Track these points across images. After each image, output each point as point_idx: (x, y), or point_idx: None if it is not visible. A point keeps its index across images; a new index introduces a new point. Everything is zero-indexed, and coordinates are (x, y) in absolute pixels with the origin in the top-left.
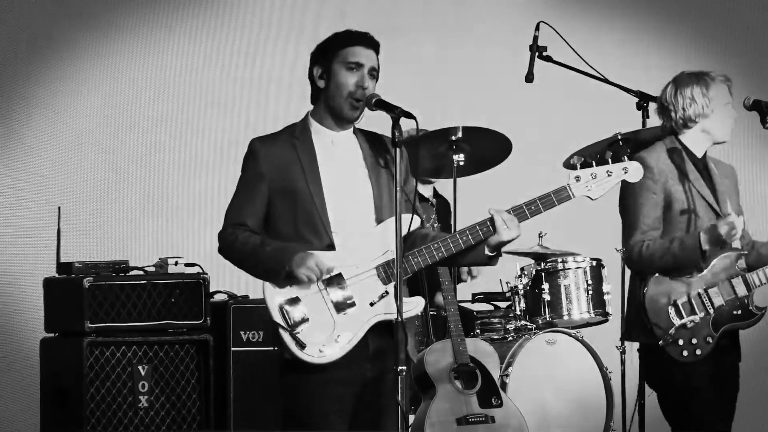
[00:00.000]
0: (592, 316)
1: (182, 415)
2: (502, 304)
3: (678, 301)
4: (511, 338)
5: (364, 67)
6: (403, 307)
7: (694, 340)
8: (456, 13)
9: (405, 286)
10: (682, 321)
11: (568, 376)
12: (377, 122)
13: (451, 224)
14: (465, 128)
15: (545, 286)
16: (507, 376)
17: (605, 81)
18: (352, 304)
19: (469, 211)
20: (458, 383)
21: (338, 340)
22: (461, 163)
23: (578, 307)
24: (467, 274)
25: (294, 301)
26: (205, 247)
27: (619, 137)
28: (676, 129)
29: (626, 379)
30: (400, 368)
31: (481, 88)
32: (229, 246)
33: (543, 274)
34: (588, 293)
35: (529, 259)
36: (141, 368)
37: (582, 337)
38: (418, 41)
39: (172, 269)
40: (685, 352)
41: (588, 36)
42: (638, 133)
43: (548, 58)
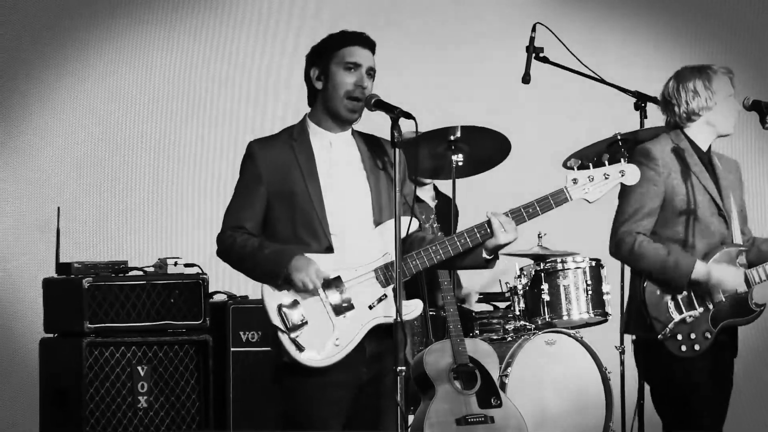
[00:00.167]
0: (592, 316)
1: (181, 415)
2: (502, 305)
3: (677, 295)
4: (510, 338)
5: (362, 67)
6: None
7: (693, 335)
8: (455, 13)
9: (403, 289)
10: (682, 316)
11: (568, 376)
12: (377, 122)
13: (453, 223)
14: (464, 128)
15: (544, 286)
16: (506, 376)
17: (602, 81)
18: (351, 307)
19: (469, 212)
20: (457, 383)
21: (337, 343)
22: (460, 164)
23: (578, 308)
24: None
25: (293, 304)
26: (205, 248)
27: (618, 137)
28: (680, 123)
29: (625, 379)
30: (399, 368)
31: (480, 88)
32: (227, 249)
33: (542, 274)
34: (587, 293)
35: (529, 260)
36: (140, 368)
37: (581, 338)
38: (418, 41)
39: (172, 270)
40: (684, 347)
41: (588, 36)
42: (637, 134)
43: (545, 59)
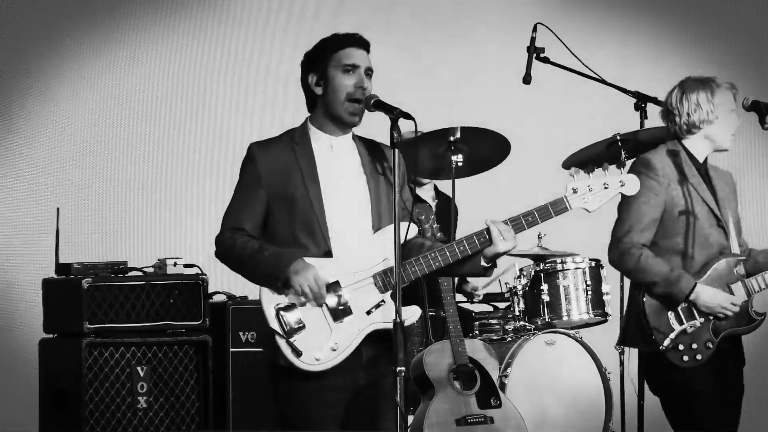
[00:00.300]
0: (592, 316)
1: (181, 415)
2: (501, 305)
3: (678, 306)
4: (510, 339)
5: (360, 68)
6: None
7: (695, 345)
8: (455, 13)
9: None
10: (683, 326)
11: (567, 376)
12: (376, 123)
13: (453, 223)
14: (463, 129)
15: (544, 286)
16: (506, 376)
17: (602, 82)
18: (349, 313)
19: (468, 212)
20: (457, 384)
21: (334, 348)
22: (460, 164)
23: (577, 308)
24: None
25: (290, 308)
26: (204, 248)
27: (618, 138)
28: (679, 134)
29: (625, 380)
30: (399, 369)
31: (480, 89)
32: (226, 250)
33: (542, 274)
34: (587, 294)
35: (528, 260)
36: (140, 369)
37: (581, 338)
38: (417, 41)
39: (171, 270)
40: (686, 357)
41: (588, 36)
42: (637, 134)
43: (546, 60)
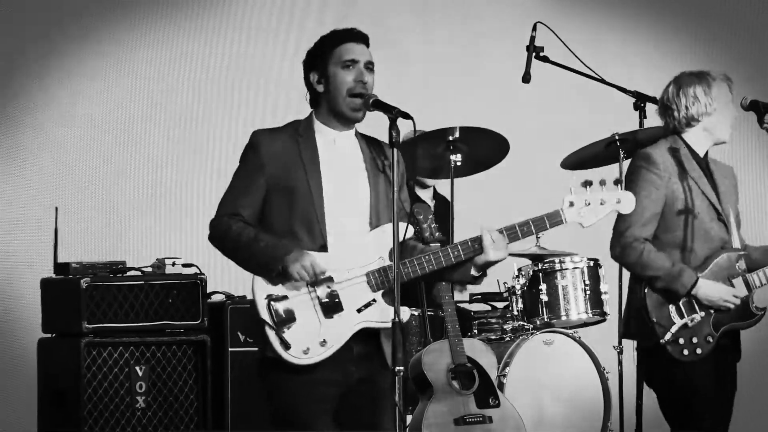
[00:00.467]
0: (590, 316)
1: (180, 415)
2: (500, 305)
3: (679, 300)
4: (508, 338)
5: (360, 62)
6: (386, 317)
7: (695, 339)
8: (455, 13)
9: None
10: (683, 320)
11: (566, 376)
12: (375, 123)
13: (449, 225)
14: (462, 128)
15: (543, 286)
16: (504, 376)
17: (602, 81)
18: (340, 309)
19: (468, 212)
20: (455, 384)
21: (323, 343)
22: (458, 164)
23: (576, 308)
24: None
25: (282, 299)
26: (203, 248)
27: (617, 137)
28: (678, 128)
29: (623, 379)
30: (397, 369)
31: (480, 88)
32: (221, 235)
33: (540, 274)
34: (586, 293)
35: (527, 260)
36: (138, 369)
37: (579, 338)
38: (417, 41)
39: (170, 270)
40: (686, 351)
41: (588, 35)
42: (636, 134)
43: (545, 59)
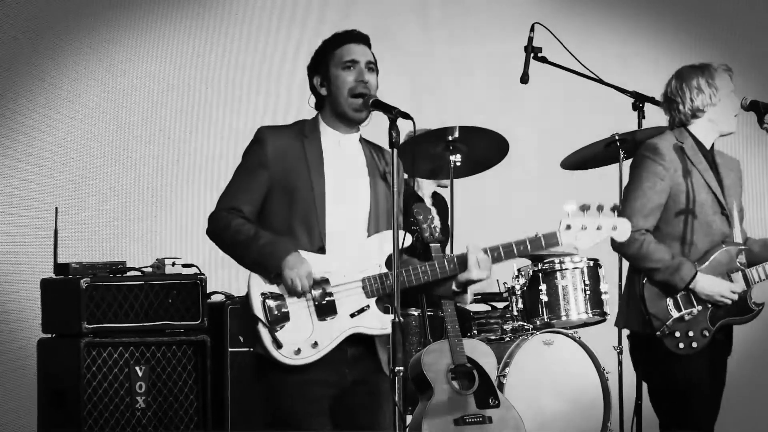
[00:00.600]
0: (590, 316)
1: (179, 415)
2: (500, 305)
3: (677, 293)
4: (508, 339)
5: (360, 62)
6: (378, 324)
7: (691, 333)
8: (455, 13)
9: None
10: (680, 313)
11: (566, 376)
12: (375, 122)
13: (449, 225)
14: (462, 128)
15: (543, 286)
16: (504, 376)
17: (600, 81)
18: (334, 312)
19: (468, 213)
20: (455, 384)
21: (314, 345)
22: (458, 164)
23: (576, 308)
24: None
25: (277, 298)
26: (203, 248)
27: (616, 138)
28: (684, 121)
29: (623, 379)
30: (397, 369)
31: (478, 88)
32: (220, 230)
33: (540, 274)
34: (585, 293)
35: (526, 260)
36: (138, 369)
37: (579, 338)
38: (417, 41)
39: (170, 270)
40: (682, 345)
41: (586, 36)
42: (635, 134)
43: (543, 59)
